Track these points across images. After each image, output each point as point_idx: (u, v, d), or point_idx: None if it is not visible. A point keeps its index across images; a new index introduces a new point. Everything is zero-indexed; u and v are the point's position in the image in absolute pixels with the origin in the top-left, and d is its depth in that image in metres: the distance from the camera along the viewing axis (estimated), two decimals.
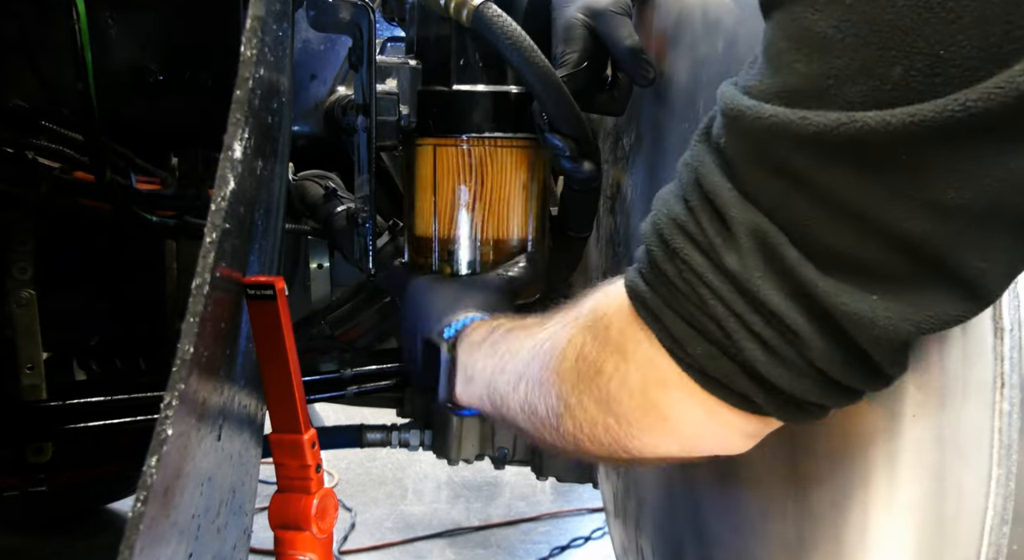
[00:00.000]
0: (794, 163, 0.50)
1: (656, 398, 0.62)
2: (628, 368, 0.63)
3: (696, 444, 0.64)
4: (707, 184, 0.56)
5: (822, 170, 0.50)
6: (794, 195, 0.51)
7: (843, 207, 0.50)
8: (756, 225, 0.53)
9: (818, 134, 0.48)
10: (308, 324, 1.61)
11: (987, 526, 0.63)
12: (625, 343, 0.63)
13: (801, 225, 0.52)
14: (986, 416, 0.62)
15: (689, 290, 0.57)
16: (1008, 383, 0.62)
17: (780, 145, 0.50)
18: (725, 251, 0.55)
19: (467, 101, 1.14)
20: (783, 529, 0.75)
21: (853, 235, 0.50)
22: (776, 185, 0.52)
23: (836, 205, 0.50)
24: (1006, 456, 0.62)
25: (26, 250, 1.45)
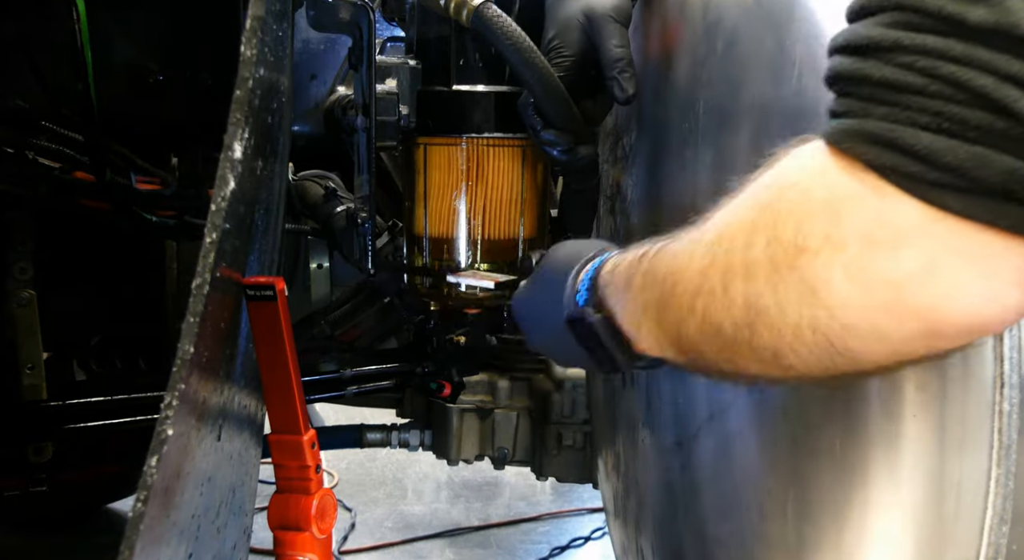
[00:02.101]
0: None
1: (888, 263, 0.47)
2: (843, 233, 0.48)
3: (950, 317, 0.48)
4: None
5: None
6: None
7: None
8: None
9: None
10: (308, 324, 1.61)
11: (987, 526, 0.63)
12: (836, 203, 0.48)
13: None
14: (986, 416, 0.62)
15: (929, 81, 0.44)
16: (1008, 383, 0.62)
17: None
18: (968, 9, 0.43)
19: (467, 101, 1.14)
20: (783, 529, 0.75)
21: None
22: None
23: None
24: (1006, 456, 0.62)
25: (26, 250, 1.45)
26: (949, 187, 0.44)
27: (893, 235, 0.47)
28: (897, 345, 0.50)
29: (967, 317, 0.48)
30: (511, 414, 1.61)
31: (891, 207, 0.46)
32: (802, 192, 0.51)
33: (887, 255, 0.47)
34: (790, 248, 0.50)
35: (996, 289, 0.47)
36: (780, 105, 0.73)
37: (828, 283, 0.49)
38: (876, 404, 0.64)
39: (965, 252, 0.45)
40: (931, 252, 0.46)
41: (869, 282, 0.48)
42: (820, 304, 0.50)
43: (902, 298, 0.47)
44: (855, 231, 0.48)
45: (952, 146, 0.44)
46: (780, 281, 0.51)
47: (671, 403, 1.01)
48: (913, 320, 0.48)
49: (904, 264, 0.47)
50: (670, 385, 1.02)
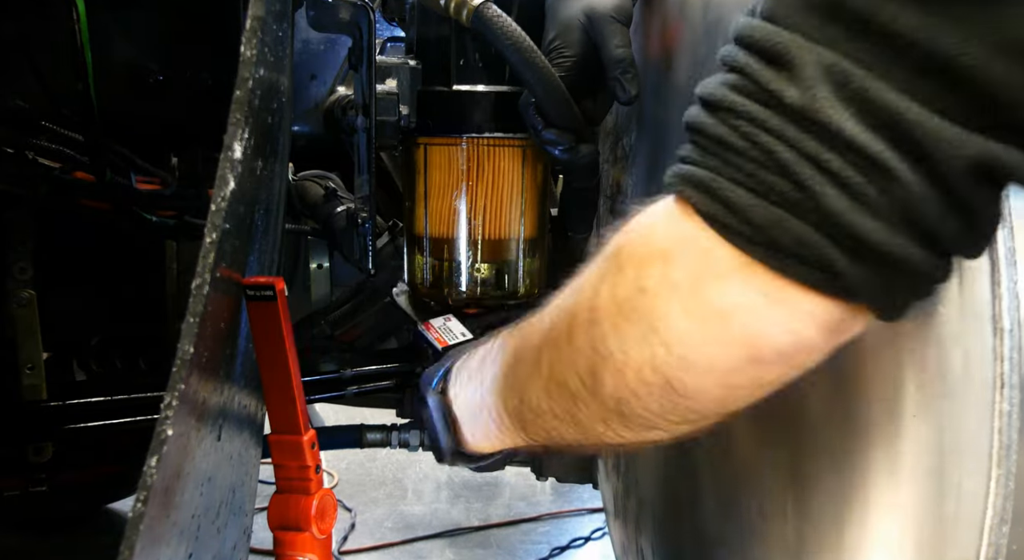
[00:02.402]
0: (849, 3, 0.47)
1: (711, 295, 0.53)
2: (675, 271, 0.54)
3: (764, 342, 0.54)
4: (756, 38, 0.51)
5: (881, 5, 0.46)
6: (855, 36, 0.47)
7: (909, 47, 0.45)
8: (821, 57, 0.48)
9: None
10: (308, 324, 1.61)
11: (987, 526, 0.63)
12: (670, 246, 0.55)
13: (866, 63, 0.47)
14: (986, 416, 0.62)
15: (749, 145, 0.50)
16: (1008, 383, 0.62)
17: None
18: (785, 88, 0.49)
19: (467, 101, 1.14)
20: (783, 529, 0.75)
21: (922, 71, 0.46)
22: (832, 29, 0.48)
23: (901, 45, 0.46)
24: (1006, 456, 0.62)
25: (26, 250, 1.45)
26: (751, 239, 0.51)
27: (716, 274, 0.53)
28: (726, 377, 0.56)
29: (775, 347, 0.54)
30: None
31: (713, 249, 0.53)
32: (642, 237, 0.57)
33: (714, 291, 0.53)
34: (632, 289, 0.56)
35: (794, 327, 0.53)
36: None
37: (666, 319, 0.55)
38: (876, 404, 0.64)
39: (770, 294, 0.52)
40: (744, 289, 0.52)
41: (700, 314, 0.54)
42: (659, 340, 0.55)
43: (729, 327, 0.53)
44: (686, 270, 0.54)
45: (758, 205, 0.50)
46: (623, 321, 0.57)
47: None
48: (736, 347, 0.54)
49: (727, 297, 0.53)
50: None
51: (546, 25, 1.05)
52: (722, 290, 0.53)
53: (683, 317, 0.54)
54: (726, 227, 0.52)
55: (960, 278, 0.61)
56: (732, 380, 0.56)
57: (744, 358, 0.55)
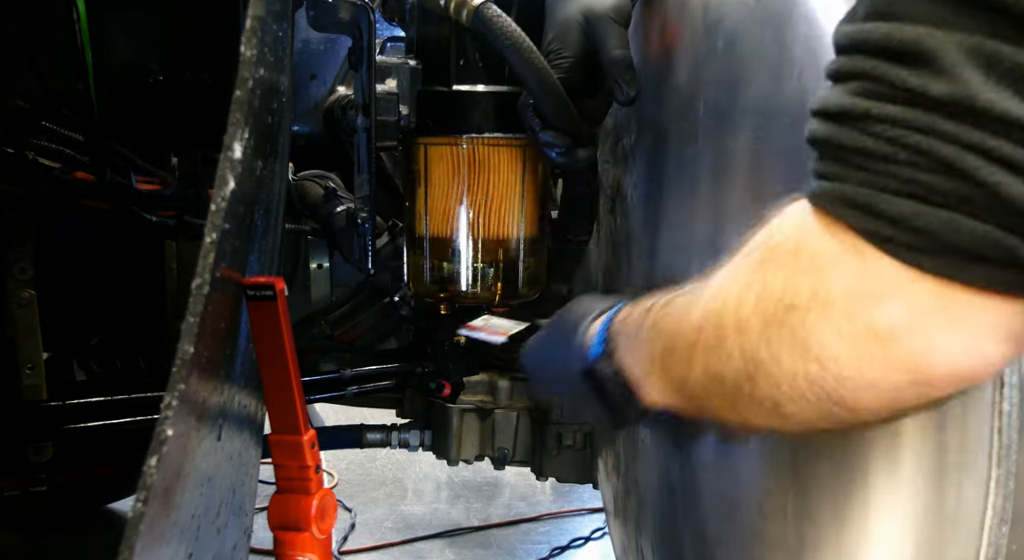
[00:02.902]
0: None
1: (872, 318, 0.49)
2: (829, 291, 0.51)
3: (935, 365, 0.50)
4: (876, 39, 0.48)
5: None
6: (994, 16, 0.44)
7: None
8: (962, 42, 0.45)
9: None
10: (308, 324, 1.61)
11: (986, 526, 0.63)
12: (821, 262, 0.51)
13: (1013, 38, 0.44)
14: (986, 416, 0.62)
15: (897, 149, 0.47)
16: (1008, 383, 0.62)
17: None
18: (929, 81, 0.46)
19: (467, 101, 1.15)
20: (783, 529, 0.75)
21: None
22: (966, 15, 0.45)
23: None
24: (1006, 456, 0.62)
25: (26, 250, 1.45)
26: (922, 249, 0.47)
27: (875, 293, 0.49)
28: (888, 395, 0.52)
29: (950, 369, 0.50)
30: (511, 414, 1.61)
31: (872, 267, 0.49)
32: (790, 252, 0.53)
33: (871, 311, 0.49)
34: (780, 305, 0.53)
35: (973, 343, 0.49)
36: (780, 105, 0.73)
37: (818, 338, 0.51)
38: None
39: (941, 309, 0.48)
40: (911, 309, 0.49)
41: (856, 337, 0.50)
42: (812, 358, 0.52)
43: (888, 351, 0.50)
44: (840, 289, 0.50)
45: (922, 211, 0.47)
46: (772, 336, 0.54)
47: None
48: (900, 372, 0.50)
49: (888, 319, 0.49)
50: None
51: (545, 26, 1.05)
52: (883, 311, 0.49)
53: (837, 339, 0.51)
54: (889, 240, 0.48)
55: None
56: (897, 398, 0.53)
57: (909, 382, 0.51)
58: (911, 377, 0.50)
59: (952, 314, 0.48)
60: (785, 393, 0.55)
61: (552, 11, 1.04)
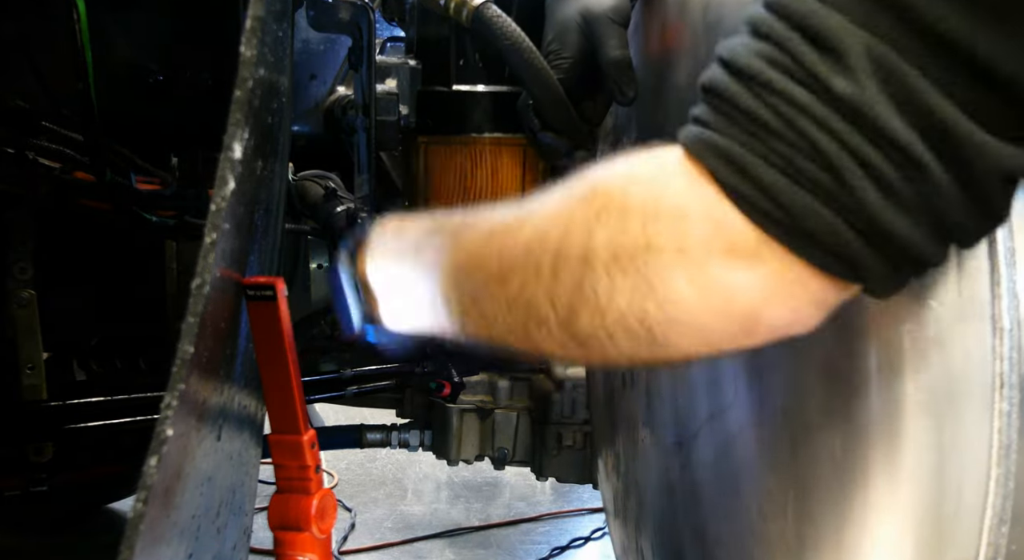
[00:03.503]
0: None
1: (725, 270, 0.53)
2: (689, 237, 0.53)
3: (763, 319, 0.55)
4: (800, 13, 0.50)
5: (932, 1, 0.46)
6: (905, 29, 0.47)
7: (955, 50, 0.46)
8: (871, 47, 0.47)
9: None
10: (308, 324, 1.61)
11: (986, 526, 0.63)
12: (687, 208, 0.53)
13: (914, 59, 0.47)
14: (985, 416, 0.62)
15: (786, 127, 0.50)
16: (1007, 383, 0.62)
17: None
18: (833, 76, 0.48)
19: (467, 101, 1.15)
20: (783, 529, 0.75)
21: (966, 75, 0.46)
22: (882, 18, 0.47)
23: (948, 47, 0.46)
24: (1005, 456, 0.62)
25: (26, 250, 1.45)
26: (779, 222, 0.51)
27: (730, 248, 0.53)
28: (710, 338, 0.57)
29: (775, 324, 0.56)
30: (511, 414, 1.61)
31: (730, 223, 0.52)
32: (654, 191, 0.55)
33: (724, 265, 0.53)
34: (638, 243, 0.54)
35: (799, 307, 0.54)
36: None
37: (667, 282, 0.54)
38: (876, 404, 0.64)
39: (781, 275, 0.52)
40: (757, 269, 0.53)
41: (704, 285, 0.54)
42: (654, 298, 0.55)
43: (730, 303, 0.54)
44: (698, 239, 0.53)
45: (788, 188, 0.50)
46: (619, 271, 0.55)
47: (671, 403, 1.01)
48: (733, 321, 0.55)
49: (736, 275, 0.53)
50: (670, 385, 1.02)
51: (545, 26, 1.05)
52: (733, 266, 0.53)
53: (686, 284, 0.54)
54: (751, 204, 0.51)
55: (960, 278, 0.61)
56: (716, 343, 0.57)
57: (738, 330, 0.56)
58: (740, 327, 0.55)
59: (789, 281, 0.53)
60: (607, 326, 0.57)
61: (552, 12, 1.04)
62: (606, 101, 1.08)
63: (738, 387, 0.82)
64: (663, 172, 0.55)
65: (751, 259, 0.52)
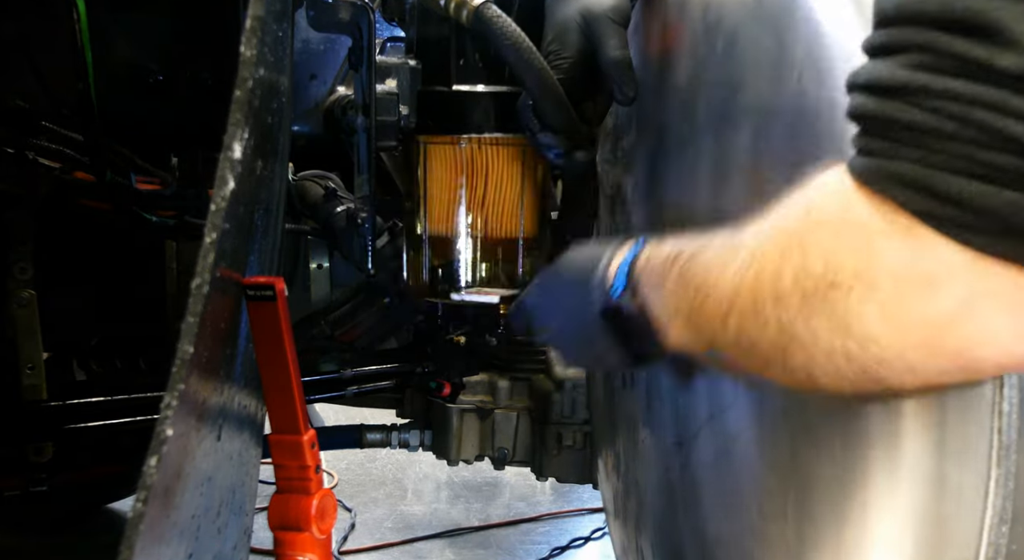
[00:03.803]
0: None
1: (922, 305, 0.48)
2: (875, 272, 0.48)
3: (987, 353, 0.48)
4: (932, 10, 0.45)
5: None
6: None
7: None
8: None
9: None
10: (308, 324, 1.61)
11: (986, 526, 0.63)
12: (867, 240, 0.49)
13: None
14: (986, 416, 0.62)
15: (959, 126, 0.45)
16: (1007, 383, 0.62)
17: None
18: (996, 55, 0.43)
19: (467, 101, 1.15)
20: (783, 529, 0.75)
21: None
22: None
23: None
24: (1005, 456, 0.62)
25: (26, 250, 1.45)
26: (984, 231, 0.45)
27: (927, 277, 0.47)
28: (931, 378, 0.51)
29: (1000, 356, 0.49)
30: (511, 414, 1.61)
31: (925, 249, 0.47)
32: (833, 227, 0.51)
33: (921, 296, 0.48)
34: (821, 282, 0.51)
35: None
36: (780, 105, 0.73)
37: (860, 319, 0.50)
38: (876, 404, 0.64)
39: (999, 294, 0.46)
40: (966, 294, 0.47)
41: (903, 322, 0.49)
42: (852, 338, 0.50)
43: (936, 338, 0.48)
44: (887, 271, 0.48)
45: (986, 191, 0.44)
46: (812, 312, 0.52)
47: (671, 403, 1.01)
48: (947, 358, 0.49)
49: (938, 306, 0.47)
50: (670, 385, 1.02)
51: (545, 27, 1.05)
52: (934, 297, 0.47)
53: (880, 322, 0.49)
54: (948, 222, 0.46)
55: None
56: (940, 381, 0.52)
57: (957, 368, 0.50)
58: (959, 364, 0.49)
59: (1010, 299, 0.46)
60: (820, 366, 0.53)
61: (552, 12, 1.04)
62: (606, 101, 1.08)
63: (738, 387, 0.82)
64: (840, 207, 0.51)
65: (959, 285, 0.47)
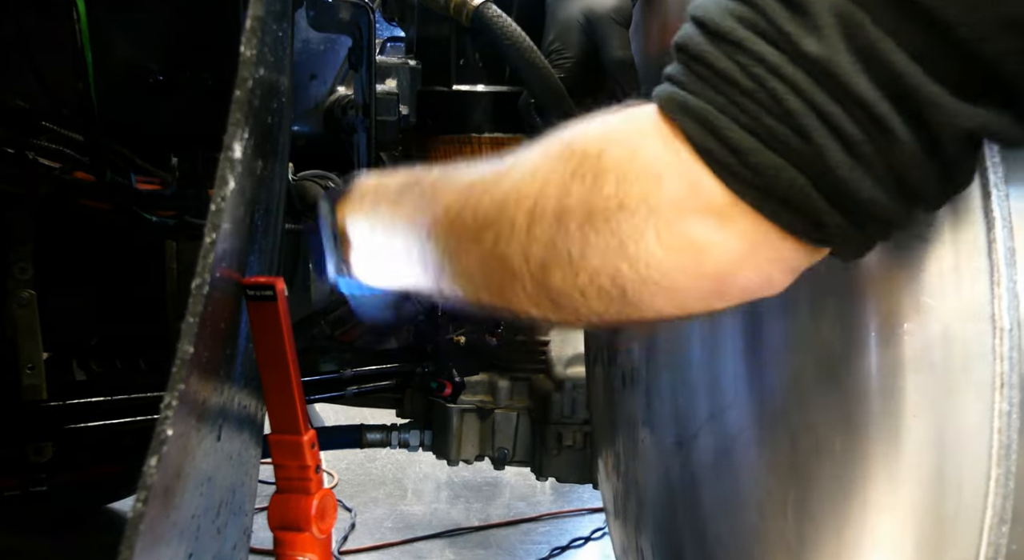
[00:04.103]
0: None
1: (695, 229, 0.53)
2: (659, 198, 0.53)
3: (733, 280, 0.55)
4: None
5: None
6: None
7: (918, 12, 0.47)
8: (840, 7, 0.48)
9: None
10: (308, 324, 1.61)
11: (986, 526, 0.63)
12: (657, 168, 0.54)
13: (877, 18, 0.48)
14: (985, 416, 0.62)
15: (756, 87, 0.50)
16: (1007, 383, 0.62)
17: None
18: (803, 36, 0.49)
19: (467, 101, 1.15)
20: (783, 529, 0.75)
21: (928, 35, 0.47)
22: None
23: (911, 8, 0.47)
24: (1005, 456, 0.62)
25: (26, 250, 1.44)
26: (748, 182, 0.51)
27: (700, 208, 0.53)
28: (682, 299, 0.57)
29: (745, 286, 0.56)
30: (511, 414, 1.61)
31: (702, 184, 0.52)
32: (628, 151, 0.55)
33: (695, 224, 0.53)
34: (610, 202, 0.55)
35: (767, 269, 0.55)
36: None
37: (638, 241, 0.54)
38: (876, 404, 0.64)
39: (750, 236, 0.53)
40: (727, 229, 0.53)
41: (677, 246, 0.54)
42: (626, 257, 0.55)
43: (701, 263, 0.54)
44: (668, 198, 0.53)
45: (758, 149, 0.50)
46: (592, 230, 0.55)
47: (671, 403, 1.01)
48: (707, 282, 0.55)
49: (705, 234, 0.53)
50: (670, 385, 1.02)
51: (546, 26, 1.05)
52: (703, 225, 0.53)
53: (657, 243, 0.54)
54: (722, 166, 0.52)
55: (959, 278, 0.61)
56: (687, 303, 0.57)
57: (708, 290, 0.56)
58: (711, 288, 0.55)
59: (757, 242, 0.53)
60: (579, 284, 0.57)
61: (553, 11, 1.05)
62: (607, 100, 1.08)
63: (738, 387, 0.82)
64: (638, 132, 0.56)
65: (722, 219, 0.53)
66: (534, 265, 0.59)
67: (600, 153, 0.56)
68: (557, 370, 1.59)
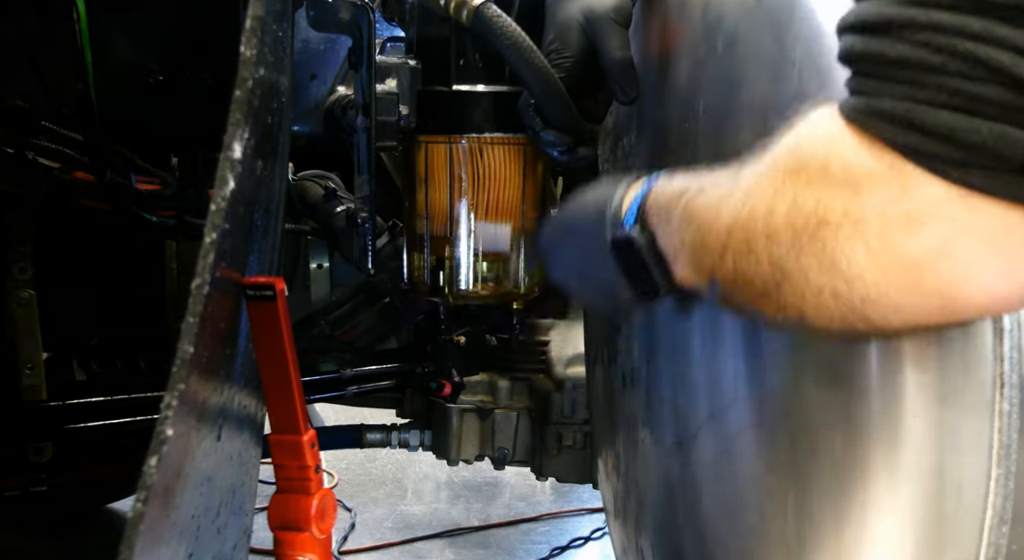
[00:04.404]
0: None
1: (906, 243, 0.47)
2: (862, 209, 0.48)
3: (968, 291, 0.48)
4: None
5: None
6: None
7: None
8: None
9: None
10: (308, 324, 1.61)
11: (986, 526, 0.63)
12: (855, 178, 0.49)
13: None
14: (986, 416, 0.62)
15: (946, 58, 0.44)
16: (1008, 383, 0.62)
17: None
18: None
19: (467, 101, 1.15)
20: (783, 529, 0.75)
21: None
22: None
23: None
24: (1006, 456, 0.62)
25: (26, 250, 1.45)
26: (970, 165, 0.44)
27: (913, 214, 0.47)
28: (914, 317, 0.51)
29: (982, 294, 0.48)
30: (511, 414, 1.61)
31: (911, 186, 0.46)
32: (821, 165, 0.51)
33: (906, 234, 0.47)
34: (811, 219, 0.51)
35: (1012, 267, 0.47)
36: (780, 105, 0.73)
37: (848, 257, 0.50)
38: (876, 404, 0.64)
39: (984, 230, 0.46)
40: (951, 231, 0.46)
41: (888, 260, 0.48)
42: (840, 276, 0.50)
43: (920, 276, 0.48)
44: (874, 208, 0.48)
45: (973, 124, 0.44)
46: (801, 249, 0.52)
47: (671, 403, 1.01)
48: (931, 296, 0.49)
49: (923, 243, 0.47)
50: (670, 385, 1.02)
51: (546, 26, 1.05)
52: (918, 236, 0.47)
53: (866, 260, 0.49)
54: (934, 158, 0.45)
55: None
56: (924, 320, 0.52)
57: (939, 307, 0.50)
58: (941, 303, 0.49)
59: (993, 234, 0.46)
60: (810, 304, 0.53)
61: (553, 11, 1.04)
62: (607, 100, 1.08)
63: (738, 387, 0.82)
64: (828, 145, 0.51)
65: (943, 222, 0.46)
66: (770, 284, 0.56)
67: (793, 169, 0.53)
68: (557, 370, 1.59)
